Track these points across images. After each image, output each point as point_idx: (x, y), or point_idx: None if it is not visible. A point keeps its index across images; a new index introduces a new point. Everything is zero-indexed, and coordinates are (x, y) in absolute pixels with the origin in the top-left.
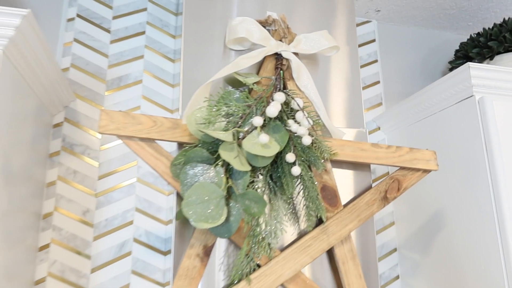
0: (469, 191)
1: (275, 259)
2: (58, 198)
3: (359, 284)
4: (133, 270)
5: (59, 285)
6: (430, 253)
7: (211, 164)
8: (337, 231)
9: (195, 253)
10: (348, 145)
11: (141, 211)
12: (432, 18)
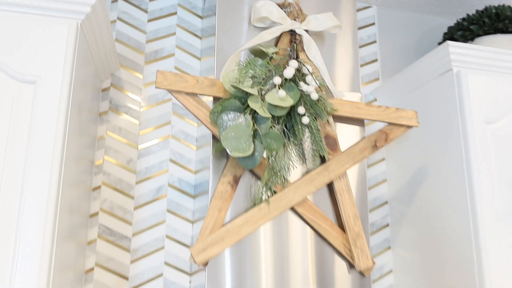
0: (446, 151)
1: (288, 187)
2: (107, 149)
3: (352, 211)
4: (168, 209)
5: (109, 218)
6: (414, 204)
7: (241, 113)
8: (336, 169)
9: (227, 181)
10: (346, 104)
11: (174, 162)
12: (426, 4)
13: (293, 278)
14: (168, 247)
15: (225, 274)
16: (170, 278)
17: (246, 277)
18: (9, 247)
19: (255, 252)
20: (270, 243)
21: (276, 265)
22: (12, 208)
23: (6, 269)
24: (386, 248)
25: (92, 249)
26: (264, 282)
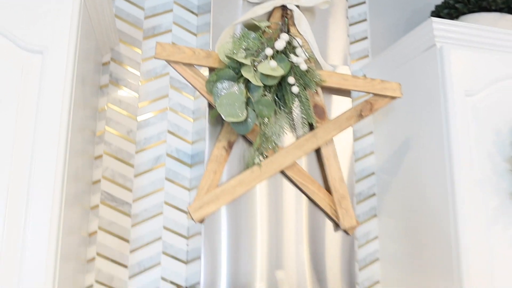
0: (428, 123)
1: (278, 152)
2: (107, 120)
3: (338, 175)
4: (166, 177)
5: (111, 185)
6: (399, 174)
7: (235, 82)
8: (324, 136)
9: (222, 146)
10: (334, 76)
11: (171, 133)
12: None
13: (287, 236)
14: (166, 213)
15: (221, 232)
16: (168, 241)
17: (241, 235)
18: (20, 212)
19: (251, 213)
20: (265, 206)
21: (271, 225)
22: (22, 175)
23: (19, 232)
24: (372, 216)
25: (95, 213)
26: (259, 240)
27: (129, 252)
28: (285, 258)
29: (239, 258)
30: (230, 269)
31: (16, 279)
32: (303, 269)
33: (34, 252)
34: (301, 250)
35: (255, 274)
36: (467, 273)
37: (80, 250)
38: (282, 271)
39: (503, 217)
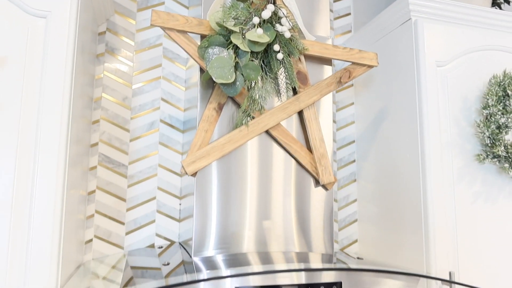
0: (403, 93)
1: (264, 114)
2: (104, 87)
3: (318, 135)
4: (160, 142)
5: (108, 148)
6: (376, 142)
7: (225, 47)
8: (306, 100)
9: (213, 107)
10: (316, 45)
11: (165, 100)
12: None
13: (275, 190)
14: (160, 174)
15: (212, 187)
16: (162, 201)
17: (231, 189)
18: (28, 171)
19: (241, 169)
20: (255, 164)
21: (261, 180)
22: (30, 137)
23: (27, 190)
24: (352, 181)
25: (93, 174)
26: (248, 193)
27: (126, 210)
28: (273, 210)
29: (229, 209)
30: (220, 219)
31: (26, 231)
32: (289, 219)
33: (42, 206)
34: (288, 202)
35: (244, 223)
36: (433, 227)
37: (81, 207)
38: (270, 221)
39: (467, 176)
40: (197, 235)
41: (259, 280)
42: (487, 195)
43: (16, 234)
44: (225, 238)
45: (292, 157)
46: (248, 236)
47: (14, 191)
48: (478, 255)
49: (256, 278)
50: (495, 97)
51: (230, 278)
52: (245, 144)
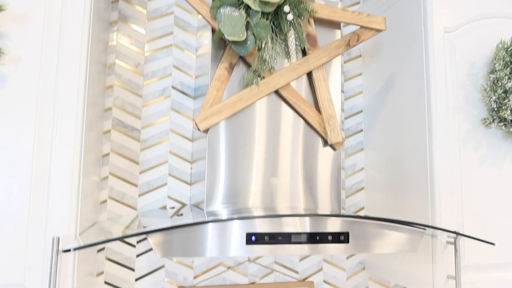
0: (410, 60)
1: (274, 74)
2: (117, 54)
3: (327, 96)
4: (171, 107)
5: (121, 113)
6: (384, 111)
7: (236, 7)
8: (315, 61)
9: (224, 67)
10: (325, 8)
11: (176, 67)
12: None
13: (283, 148)
14: (172, 139)
15: (220, 145)
16: (174, 165)
17: (240, 146)
18: (47, 135)
19: (250, 128)
20: (264, 123)
21: (269, 138)
22: (48, 100)
23: (46, 151)
24: (359, 150)
25: (107, 138)
26: (256, 151)
27: (139, 173)
28: (280, 167)
29: (237, 166)
30: (228, 175)
31: (45, 191)
32: (296, 177)
33: (61, 166)
34: (296, 160)
35: (251, 180)
36: (439, 191)
37: (96, 169)
38: (277, 178)
39: (473, 140)
40: (208, 189)
41: (266, 227)
42: (493, 159)
43: (37, 193)
44: (233, 194)
45: (300, 117)
46: (255, 192)
47: (34, 153)
48: (483, 219)
49: (263, 225)
50: (502, 61)
51: (238, 224)
52: (254, 104)
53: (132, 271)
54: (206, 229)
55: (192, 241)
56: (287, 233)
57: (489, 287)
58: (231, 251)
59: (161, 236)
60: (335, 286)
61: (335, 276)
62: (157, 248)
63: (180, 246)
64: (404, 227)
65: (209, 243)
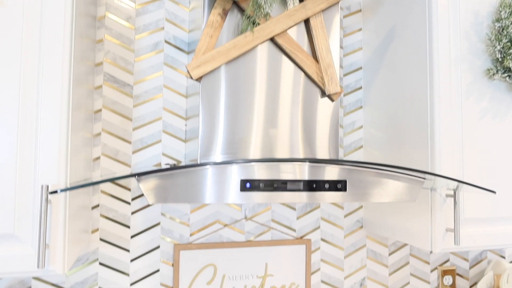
0: (413, 10)
1: (269, 20)
2: (107, 6)
3: (325, 45)
4: (165, 62)
5: (112, 68)
6: (383, 67)
7: None
8: (313, 8)
9: (218, 12)
10: None
11: (169, 21)
12: None
13: (283, 99)
14: (166, 95)
15: (220, 96)
16: (168, 121)
17: (239, 96)
18: (33, 89)
19: (250, 78)
20: (265, 73)
21: (269, 88)
22: (33, 55)
23: (32, 109)
24: (358, 107)
25: (99, 93)
26: (257, 101)
27: (132, 129)
28: (280, 118)
29: (236, 117)
30: (227, 125)
31: (32, 149)
32: (296, 129)
33: (48, 124)
34: (295, 112)
35: (251, 130)
36: (439, 144)
37: (87, 125)
38: (276, 129)
39: (476, 92)
40: (204, 140)
41: (261, 174)
42: (495, 112)
43: (24, 142)
44: (232, 144)
45: (301, 70)
46: (255, 142)
47: (20, 102)
48: (484, 172)
49: (259, 172)
50: (508, 9)
51: (232, 170)
52: (255, 54)
53: (127, 228)
54: (198, 173)
55: (184, 186)
56: (283, 180)
57: (488, 241)
58: (224, 197)
59: (151, 181)
60: (333, 244)
61: (332, 234)
62: (148, 193)
63: (171, 191)
64: (404, 176)
65: (201, 189)
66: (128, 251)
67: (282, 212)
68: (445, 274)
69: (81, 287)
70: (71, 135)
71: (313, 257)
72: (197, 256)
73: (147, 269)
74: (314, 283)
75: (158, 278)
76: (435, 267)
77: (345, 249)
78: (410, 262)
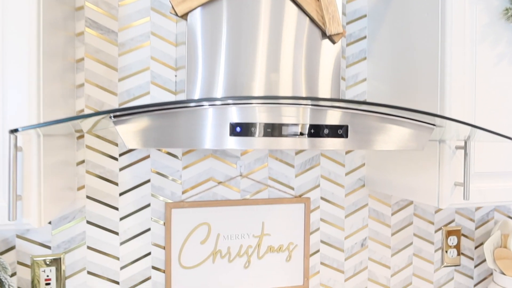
0: None
1: None
2: None
3: None
4: (152, 7)
5: (95, 13)
6: (390, 16)
7: None
8: None
9: None
10: None
11: None
12: None
13: (286, 42)
14: (154, 43)
15: (221, 39)
16: (156, 71)
17: (241, 40)
18: None
19: (252, 21)
20: (268, 16)
21: (272, 31)
22: None
23: None
24: (362, 59)
25: (80, 40)
26: (260, 45)
27: (118, 80)
28: (283, 62)
29: (238, 61)
30: (227, 70)
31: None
32: (299, 73)
33: (15, 72)
34: (299, 55)
35: (254, 73)
36: (450, 93)
37: (68, 75)
38: (278, 74)
39: (492, 35)
40: (204, 86)
41: (254, 117)
42: None
43: None
44: (234, 89)
45: (304, 14)
46: (259, 87)
47: None
48: (497, 120)
49: (252, 114)
50: None
51: (221, 112)
52: None
53: (115, 186)
54: (182, 115)
55: (166, 128)
56: (278, 124)
57: (498, 196)
58: (212, 142)
59: (130, 123)
60: (333, 203)
61: (333, 192)
62: (126, 136)
63: (152, 134)
64: (412, 122)
65: (185, 132)
66: (117, 209)
67: (280, 169)
68: (450, 234)
69: (68, 246)
70: (45, 85)
71: (312, 216)
72: (190, 215)
73: (138, 228)
74: (313, 243)
75: (149, 237)
76: (439, 227)
77: (345, 208)
78: (414, 222)
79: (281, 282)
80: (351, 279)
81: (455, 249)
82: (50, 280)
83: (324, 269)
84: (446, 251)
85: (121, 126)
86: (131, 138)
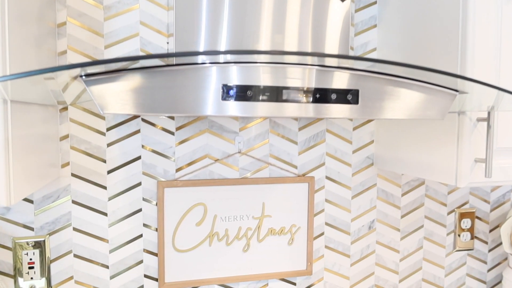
0: None
1: None
2: None
3: None
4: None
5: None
6: None
7: None
8: None
9: None
10: None
11: None
12: None
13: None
14: (143, 6)
15: None
16: (146, 38)
17: None
18: None
19: None
20: None
21: None
22: None
23: None
24: (372, 26)
25: (62, 3)
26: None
27: (104, 47)
28: (289, 22)
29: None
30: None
31: None
32: (306, 34)
33: None
34: (306, 14)
35: (259, 35)
36: (472, 62)
37: (47, 40)
38: (283, 35)
39: None
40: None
41: (252, 79)
42: None
43: None
44: None
45: None
46: (264, 49)
47: None
48: None
49: (249, 76)
50: None
51: (212, 73)
52: None
53: (103, 163)
54: (165, 74)
55: (148, 90)
56: (276, 87)
57: None
58: (201, 108)
59: (105, 83)
60: (339, 183)
61: (339, 172)
62: (99, 99)
63: (131, 96)
64: (432, 87)
65: (168, 95)
66: (105, 188)
67: (282, 146)
68: (463, 217)
69: (52, 227)
70: (15, 52)
71: (317, 197)
72: (184, 195)
73: (128, 208)
74: (317, 225)
75: (140, 218)
76: (452, 209)
77: (352, 188)
78: (425, 204)
79: (282, 267)
80: (358, 263)
81: (468, 232)
82: (33, 263)
83: (329, 253)
84: (459, 234)
85: (95, 87)
86: (105, 100)
